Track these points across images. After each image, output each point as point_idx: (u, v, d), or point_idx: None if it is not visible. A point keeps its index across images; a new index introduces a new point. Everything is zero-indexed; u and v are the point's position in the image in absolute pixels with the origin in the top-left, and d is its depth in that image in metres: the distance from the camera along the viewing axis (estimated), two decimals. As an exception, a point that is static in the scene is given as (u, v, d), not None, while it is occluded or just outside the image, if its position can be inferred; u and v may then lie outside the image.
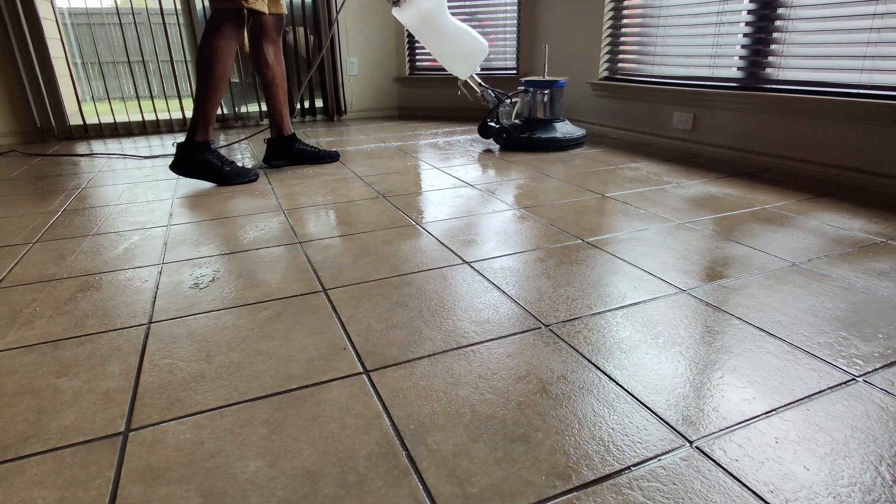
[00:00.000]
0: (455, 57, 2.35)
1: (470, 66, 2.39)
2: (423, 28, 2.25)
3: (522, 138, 2.45)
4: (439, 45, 2.32)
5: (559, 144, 2.43)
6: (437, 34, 2.28)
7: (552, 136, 2.43)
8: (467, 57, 2.36)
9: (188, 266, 1.25)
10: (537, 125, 2.48)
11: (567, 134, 2.45)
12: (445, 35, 2.28)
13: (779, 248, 1.26)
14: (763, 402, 0.73)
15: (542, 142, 2.43)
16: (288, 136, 2.22)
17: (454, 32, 2.28)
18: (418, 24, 2.24)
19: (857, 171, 1.81)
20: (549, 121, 2.49)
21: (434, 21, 2.24)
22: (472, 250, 1.30)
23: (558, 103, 2.50)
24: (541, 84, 2.46)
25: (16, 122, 2.96)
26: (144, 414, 0.74)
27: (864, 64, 1.76)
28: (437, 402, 0.75)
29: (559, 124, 2.49)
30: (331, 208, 1.67)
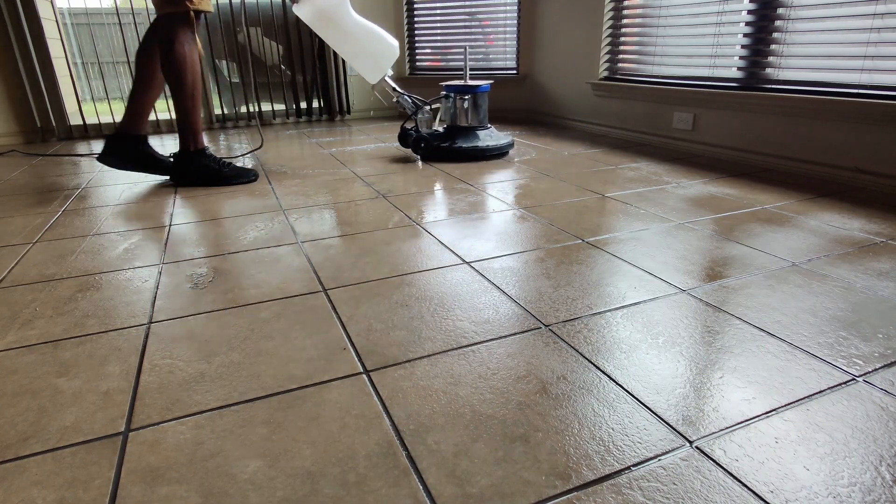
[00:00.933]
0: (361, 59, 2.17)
1: (378, 69, 2.20)
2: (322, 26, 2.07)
3: (442, 147, 2.28)
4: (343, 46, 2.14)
5: (482, 153, 2.29)
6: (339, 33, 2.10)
7: (474, 145, 2.27)
8: (375, 59, 2.18)
9: (188, 266, 1.25)
10: (459, 133, 2.31)
11: (491, 143, 2.30)
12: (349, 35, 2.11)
13: (779, 248, 1.26)
14: (763, 402, 0.73)
15: (462, 151, 2.27)
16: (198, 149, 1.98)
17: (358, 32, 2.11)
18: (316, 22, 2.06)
19: (857, 171, 1.81)
20: (472, 128, 2.33)
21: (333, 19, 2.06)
22: (473, 250, 1.30)
23: (482, 109, 2.34)
24: (461, 89, 2.29)
25: (16, 122, 2.96)
26: (144, 414, 0.74)
27: (864, 64, 1.76)
28: (437, 402, 0.75)
29: (483, 132, 2.33)
30: (331, 208, 1.67)
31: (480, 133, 2.32)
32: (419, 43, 3.66)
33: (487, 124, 2.37)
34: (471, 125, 2.33)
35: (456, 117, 2.34)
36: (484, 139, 2.30)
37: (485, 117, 2.35)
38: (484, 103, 2.33)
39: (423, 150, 2.30)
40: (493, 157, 2.33)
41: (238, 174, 1.99)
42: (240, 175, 2.00)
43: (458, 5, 3.45)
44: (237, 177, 1.99)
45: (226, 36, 3.31)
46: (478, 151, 2.28)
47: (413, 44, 3.69)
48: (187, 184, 1.97)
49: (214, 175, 1.96)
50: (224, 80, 3.44)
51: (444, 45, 3.60)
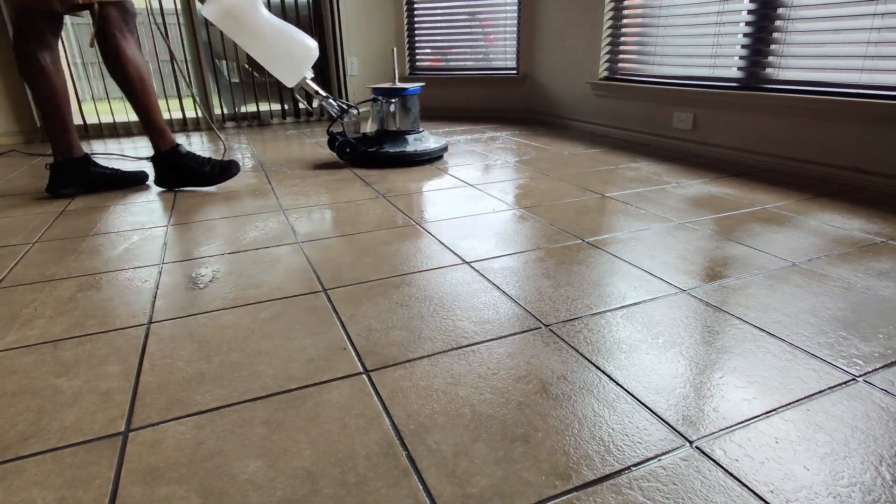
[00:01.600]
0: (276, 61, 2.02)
1: (294, 72, 2.05)
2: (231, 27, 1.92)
3: (369, 153, 2.19)
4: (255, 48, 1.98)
5: (409, 159, 2.20)
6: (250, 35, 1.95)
7: (402, 150, 2.19)
8: (289, 62, 2.02)
9: (188, 266, 1.25)
10: (387, 138, 2.24)
11: (420, 148, 2.21)
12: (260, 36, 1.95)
13: (779, 248, 1.26)
14: (763, 402, 0.73)
15: (389, 156, 2.19)
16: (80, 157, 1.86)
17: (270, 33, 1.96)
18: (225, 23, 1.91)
19: (857, 171, 1.81)
20: (401, 133, 2.25)
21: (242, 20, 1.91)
22: (473, 250, 1.30)
23: (412, 113, 2.26)
24: (388, 92, 2.21)
25: (16, 121, 2.96)
26: (144, 414, 0.74)
27: (864, 64, 1.76)
28: (437, 402, 0.75)
29: (412, 136, 2.25)
30: (331, 208, 1.67)
31: (409, 138, 2.24)
32: (419, 43, 3.66)
33: (419, 128, 2.30)
34: (400, 129, 2.26)
35: (385, 121, 2.27)
36: (413, 144, 2.22)
37: (416, 121, 2.28)
38: (414, 107, 2.26)
39: (348, 155, 2.21)
40: (423, 162, 2.24)
41: (221, 171, 1.90)
42: (224, 171, 1.91)
43: (458, 5, 3.45)
44: (220, 174, 1.90)
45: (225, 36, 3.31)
46: (405, 157, 2.19)
47: (413, 44, 3.69)
48: (171, 186, 1.90)
49: (196, 175, 1.88)
50: (224, 80, 3.44)
51: (444, 45, 3.60)
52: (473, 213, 1.58)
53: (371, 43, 3.64)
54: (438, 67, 3.67)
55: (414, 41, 3.68)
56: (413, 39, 3.67)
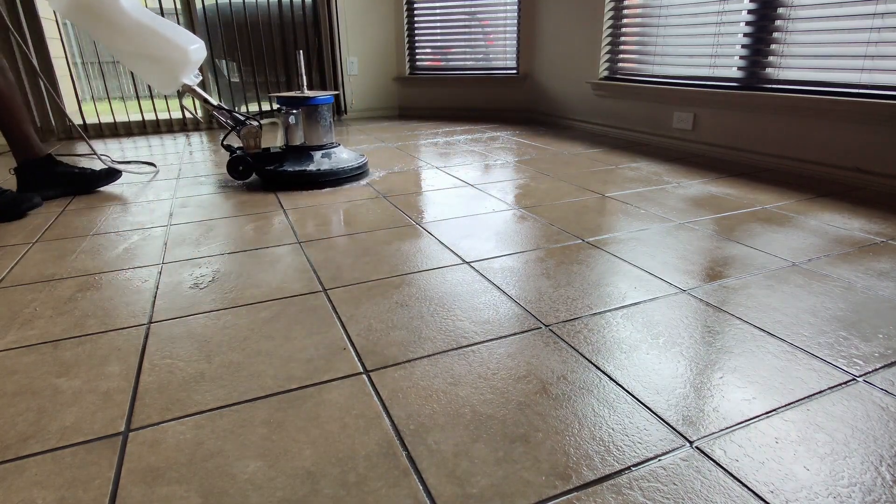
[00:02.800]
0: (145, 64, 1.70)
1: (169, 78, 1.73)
2: (85, 21, 1.60)
3: (267, 171, 1.90)
4: (115, 47, 1.67)
5: (311, 180, 1.88)
6: (110, 31, 1.62)
7: (303, 168, 1.88)
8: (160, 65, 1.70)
9: (188, 266, 1.25)
10: (290, 154, 1.93)
11: (325, 167, 1.90)
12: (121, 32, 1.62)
13: (779, 248, 1.26)
14: (763, 402, 0.73)
15: (287, 176, 1.88)
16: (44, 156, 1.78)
17: (134, 31, 1.62)
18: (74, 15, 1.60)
19: (857, 171, 1.81)
20: (307, 149, 1.94)
21: (94, 12, 1.58)
22: (473, 250, 1.29)
23: (321, 126, 1.93)
24: (290, 101, 1.90)
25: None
26: (144, 414, 0.74)
27: (864, 64, 1.76)
28: (437, 402, 0.75)
29: (319, 153, 1.94)
30: (330, 208, 1.67)
31: (316, 154, 1.93)
32: (419, 43, 3.66)
33: (333, 143, 2.00)
34: (305, 144, 1.95)
35: (289, 135, 1.94)
36: (319, 162, 1.91)
37: (325, 135, 1.96)
38: (322, 119, 1.94)
39: (242, 174, 1.91)
40: (330, 183, 1.91)
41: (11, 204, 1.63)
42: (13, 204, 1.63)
43: (458, 5, 3.45)
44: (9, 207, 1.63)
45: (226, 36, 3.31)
46: (306, 177, 1.87)
47: (413, 44, 3.69)
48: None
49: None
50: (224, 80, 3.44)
51: (444, 45, 3.60)
52: (473, 213, 1.58)
53: (371, 43, 3.64)
54: (438, 67, 3.67)
55: (414, 41, 3.68)
56: (413, 39, 3.67)
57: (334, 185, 1.92)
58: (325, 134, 1.97)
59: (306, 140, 1.96)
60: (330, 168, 1.91)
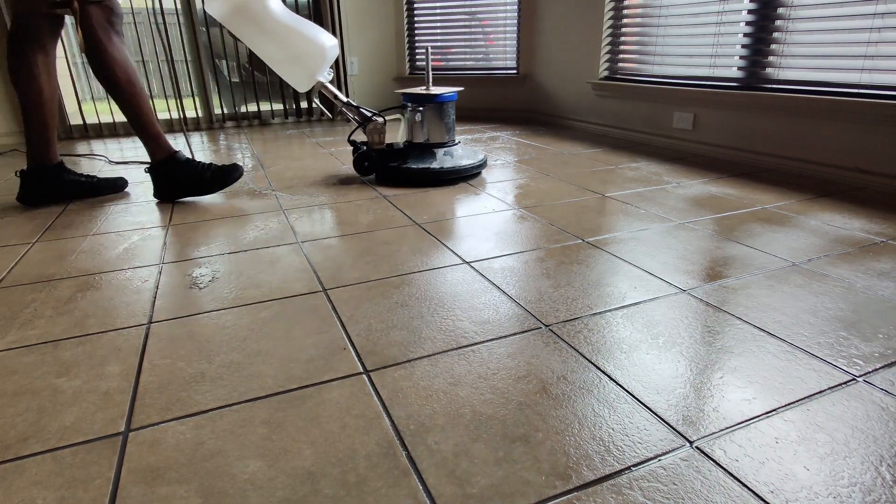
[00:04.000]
0: (286, 63, 1.81)
1: (307, 74, 1.82)
2: (238, 25, 1.72)
3: (390, 168, 1.92)
4: (263, 47, 1.78)
5: (435, 178, 1.89)
6: (255, 32, 1.74)
7: (427, 166, 1.89)
8: (301, 62, 1.80)
9: (188, 266, 1.25)
10: (413, 151, 1.95)
11: (449, 165, 1.91)
12: (267, 34, 1.74)
13: (779, 248, 1.26)
14: (763, 402, 0.73)
15: (412, 173, 1.90)
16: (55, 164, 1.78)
17: (280, 31, 1.74)
18: (231, 20, 1.72)
19: (857, 171, 1.81)
20: (430, 146, 1.95)
21: (246, 14, 1.71)
22: (473, 250, 1.30)
23: (444, 123, 1.94)
24: (417, 98, 1.92)
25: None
26: (144, 414, 0.74)
27: (864, 64, 1.76)
28: (438, 402, 0.75)
29: (442, 151, 1.95)
30: (331, 208, 1.67)
31: (438, 152, 1.94)
32: (419, 43, 3.66)
33: (454, 140, 2.01)
34: (428, 142, 1.96)
35: (412, 132, 1.96)
36: (441, 160, 1.92)
37: (448, 132, 1.97)
38: (446, 117, 1.95)
39: (366, 170, 1.95)
40: (454, 181, 1.94)
41: (223, 176, 1.77)
42: (224, 178, 1.77)
43: (458, 5, 3.45)
44: (221, 180, 1.77)
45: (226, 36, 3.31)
46: (430, 175, 1.89)
47: (413, 44, 3.69)
48: (170, 197, 1.78)
49: (197, 182, 1.75)
50: (224, 80, 3.44)
51: (444, 45, 3.60)
52: (473, 213, 1.58)
53: (371, 43, 3.64)
54: (438, 67, 3.67)
55: (414, 41, 3.68)
56: (413, 39, 3.67)
57: (454, 182, 1.94)
58: (447, 131, 1.98)
59: (429, 137, 1.97)
60: (452, 166, 1.92)
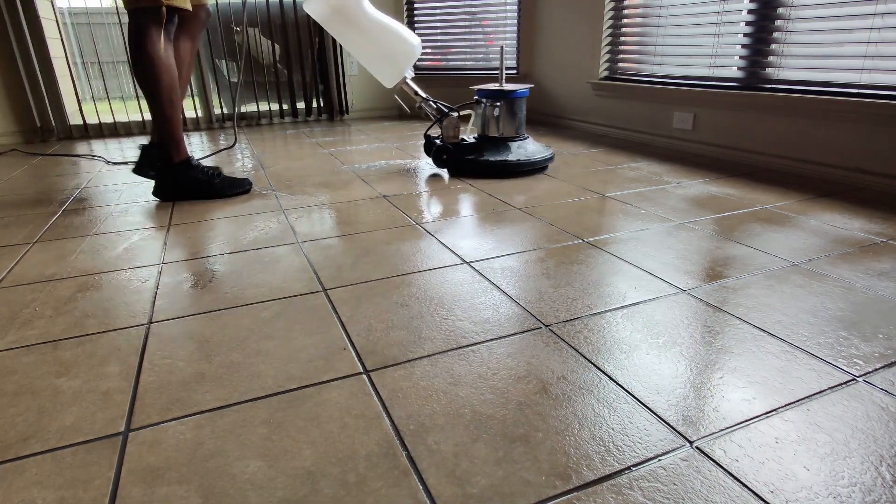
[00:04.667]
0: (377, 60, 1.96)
1: (396, 71, 1.97)
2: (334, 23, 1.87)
3: (467, 161, 2.03)
4: (356, 45, 1.93)
5: (510, 169, 2.00)
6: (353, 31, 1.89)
7: (503, 158, 2.00)
8: (391, 59, 1.94)
9: (188, 266, 1.25)
10: (488, 145, 2.05)
11: (523, 157, 2.01)
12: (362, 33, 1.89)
13: (779, 248, 1.26)
14: (763, 402, 0.73)
15: (488, 166, 2.01)
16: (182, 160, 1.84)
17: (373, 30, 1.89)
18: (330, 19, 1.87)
19: (857, 172, 1.81)
20: (504, 140, 2.06)
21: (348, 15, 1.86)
22: (473, 250, 1.30)
23: (517, 118, 2.06)
24: (493, 94, 2.03)
25: (16, 121, 2.96)
26: (144, 414, 0.74)
27: (864, 64, 1.76)
28: (437, 402, 0.75)
29: (515, 144, 2.06)
30: (331, 208, 1.67)
31: (512, 145, 2.05)
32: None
33: (524, 135, 2.12)
34: (501, 136, 2.08)
35: (486, 126, 2.09)
36: (515, 152, 2.03)
37: (520, 127, 2.08)
38: (519, 111, 2.06)
39: (444, 163, 2.08)
40: (525, 173, 2.05)
41: (231, 185, 1.84)
42: (232, 186, 1.85)
43: (458, 5, 3.45)
44: (229, 188, 1.84)
45: (225, 36, 3.31)
46: (506, 167, 2.00)
47: (413, 44, 3.69)
48: (175, 198, 1.81)
49: (204, 188, 1.80)
50: (224, 80, 3.44)
51: (444, 45, 3.60)
52: (473, 213, 1.58)
53: (371, 43, 3.63)
54: (438, 67, 3.67)
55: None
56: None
57: (528, 174, 2.04)
58: (519, 126, 2.09)
59: (503, 131, 2.07)
60: (526, 158, 2.02)
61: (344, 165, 2.26)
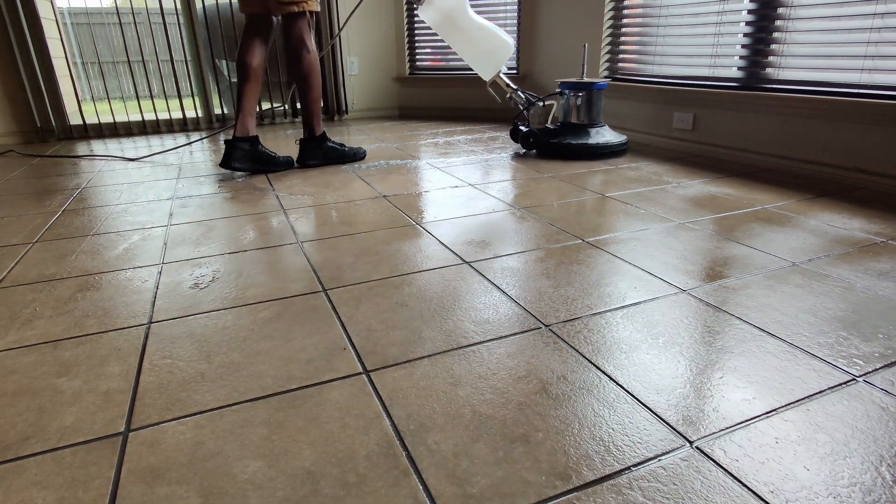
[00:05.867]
0: (478, 56, 2.32)
1: (493, 66, 2.35)
2: (444, 26, 2.26)
3: (551, 143, 2.34)
4: (461, 44, 2.31)
5: (591, 152, 2.30)
6: (459, 33, 2.27)
7: (584, 142, 2.29)
8: (490, 56, 2.32)
9: (188, 266, 1.25)
10: (570, 130, 2.35)
11: (602, 141, 2.31)
12: (466, 33, 2.26)
13: (779, 248, 1.26)
14: (763, 402, 0.73)
15: (571, 148, 2.30)
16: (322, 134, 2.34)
17: (475, 31, 2.26)
18: (440, 23, 2.25)
19: (857, 171, 1.81)
20: (584, 126, 2.36)
21: (454, 19, 2.24)
22: (473, 250, 1.30)
23: (596, 107, 2.36)
24: (575, 86, 2.35)
25: (15, 121, 2.96)
26: (144, 414, 0.74)
27: (864, 64, 1.76)
28: (437, 402, 0.75)
29: (594, 130, 2.35)
30: (331, 208, 1.67)
31: (591, 131, 2.34)
32: (419, 43, 3.66)
33: (601, 122, 2.39)
34: (581, 122, 2.36)
35: (568, 114, 2.38)
36: (595, 137, 2.32)
37: (598, 115, 2.37)
38: (598, 101, 2.35)
39: (532, 146, 2.38)
40: (604, 156, 2.32)
41: (354, 153, 2.33)
42: (355, 154, 2.33)
43: (458, 5, 3.44)
44: (354, 155, 2.33)
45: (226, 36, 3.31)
46: (587, 149, 2.29)
47: (413, 44, 3.69)
48: (313, 165, 2.25)
49: (339, 154, 2.27)
50: (224, 80, 3.44)
51: (444, 45, 3.60)
52: (473, 213, 1.58)
53: (371, 43, 3.64)
54: (438, 67, 3.67)
55: (414, 41, 3.68)
56: (413, 39, 3.67)
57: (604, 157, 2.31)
58: (598, 114, 2.37)
59: (582, 119, 2.37)
60: (605, 142, 2.31)
61: (343, 166, 2.26)
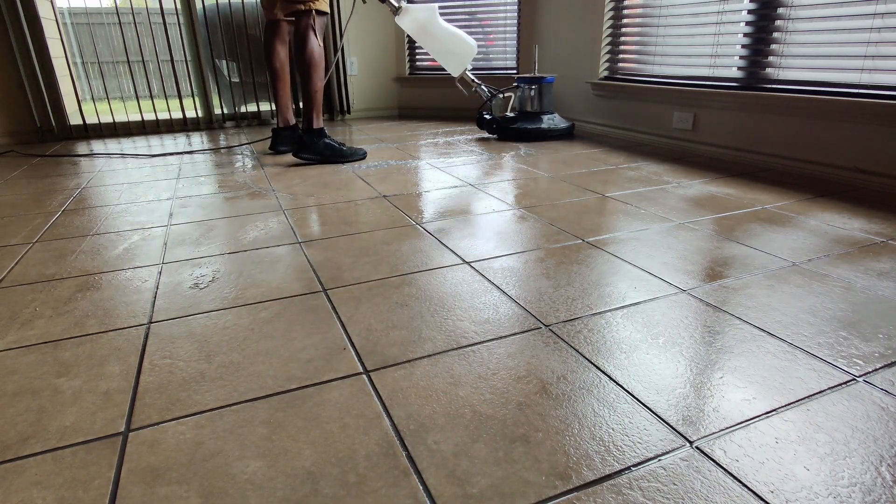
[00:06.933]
0: (447, 56, 2.70)
1: (460, 64, 2.71)
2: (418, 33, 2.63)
3: (511, 128, 2.77)
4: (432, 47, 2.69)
5: (544, 134, 2.76)
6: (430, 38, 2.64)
7: (538, 126, 2.74)
8: (457, 57, 2.69)
9: (188, 266, 1.25)
10: (526, 117, 2.78)
11: (552, 125, 2.77)
12: (436, 38, 2.64)
13: (779, 248, 1.26)
14: (763, 402, 0.73)
15: (527, 131, 2.74)
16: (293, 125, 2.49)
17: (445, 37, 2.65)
18: (415, 30, 2.61)
19: (857, 171, 1.81)
20: (537, 113, 2.80)
21: (426, 27, 2.61)
22: (473, 250, 1.30)
23: (546, 98, 2.81)
24: (529, 80, 2.80)
25: (15, 121, 2.96)
26: (144, 414, 0.74)
27: (864, 64, 1.76)
28: (437, 402, 0.75)
29: (546, 116, 2.79)
30: (331, 208, 1.67)
31: (544, 117, 2.78)
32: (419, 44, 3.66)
33: (552, 111, 2.84)
34: (535, 111, 2.82)
35: (524, 104, 2.84)
36: (546, 122, 2.77)
37: (549, 105, 2.83)
38: (548, 93, 2.81)
39: (494, 131, 2.84)
40: (554, 137, 2.78)
41: (354, 153, 2.33)
42: (354, 154, 2.34)
43: (458, 5, 3.45)
44: (351, 155, 2.32)
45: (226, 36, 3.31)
46: (540, 132, 2.75)
47: (413, 44, 3.69)
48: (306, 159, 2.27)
49: (337, 153, 2.28)
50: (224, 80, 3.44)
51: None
52: (473, 213, 1.58)
53: (371, 43, 3.64)
54: (438, 67, 3.67)
55: (414, 41, 3.67)
56: (413, 39, 3.67)
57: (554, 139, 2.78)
58: (548, 104, 2.84)
59: (535, 107, 2.83)
60: (554, 126, 2.78)
61: (343, 166, 2.26)
